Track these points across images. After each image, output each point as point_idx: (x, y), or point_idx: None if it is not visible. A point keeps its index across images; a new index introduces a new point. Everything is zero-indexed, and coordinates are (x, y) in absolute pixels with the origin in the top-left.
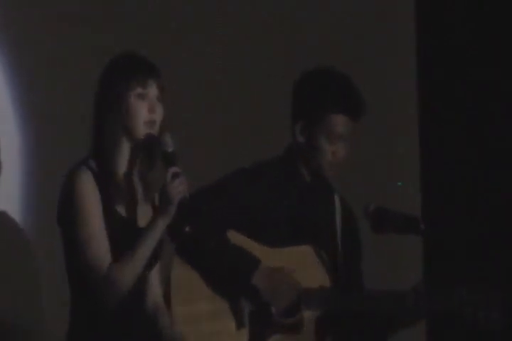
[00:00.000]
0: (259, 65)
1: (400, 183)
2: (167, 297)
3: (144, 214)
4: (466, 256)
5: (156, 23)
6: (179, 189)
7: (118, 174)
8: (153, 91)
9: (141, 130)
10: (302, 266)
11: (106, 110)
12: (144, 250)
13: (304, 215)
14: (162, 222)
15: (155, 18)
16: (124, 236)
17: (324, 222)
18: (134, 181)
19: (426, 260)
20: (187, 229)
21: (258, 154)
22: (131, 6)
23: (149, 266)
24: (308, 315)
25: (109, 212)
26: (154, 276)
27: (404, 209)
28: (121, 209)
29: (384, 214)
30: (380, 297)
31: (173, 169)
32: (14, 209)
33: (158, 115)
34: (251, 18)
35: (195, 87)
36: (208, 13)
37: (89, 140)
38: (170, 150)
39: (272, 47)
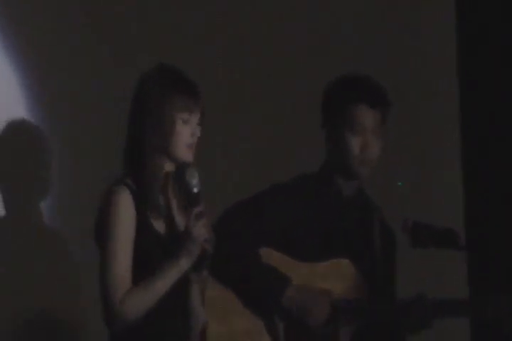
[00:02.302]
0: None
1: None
2: None
3: (176, 228)
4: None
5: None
6: (202, 231)
7: (156, 192)
8: (197, 115)
9: (184, 152)
10: (339, 277)
11: (149, 130)
12: (163, 285)
13: (341, 229)
14: (185, 262)
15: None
16: (159, 252)
17: (362, 236)
18: (170, 199)
19: (471, 271)
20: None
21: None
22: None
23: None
24: (344, 328)
25: (145, 227)
26: (195, 293)
27: (447, 224)
28: (157, 226)
29: (422, 229)
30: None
31: (197, 210)
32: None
33: (196, 138)
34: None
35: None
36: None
37: (125, 156)
38: (195, 191)
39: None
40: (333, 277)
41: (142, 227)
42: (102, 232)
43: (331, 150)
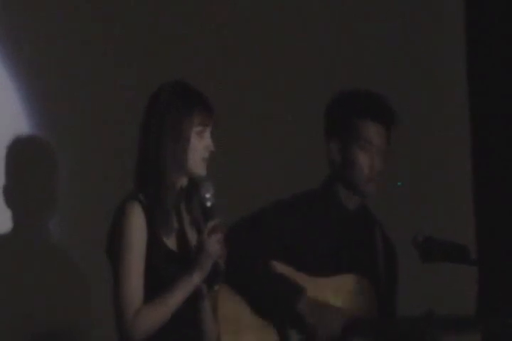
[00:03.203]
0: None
1: (399, 183)
2: None
3: (188, 246)
4: None
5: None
6: (215, 246)
7: (169, 209)
8: (209, 130)
9: (200, 166)
10: (346, 294)
11: (164, 144)
12: (174, 301)
13: (346, 244)
14: (197, 276)
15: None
16: (169, 268)
17: (366, 252)
18: (183, 215)
19: (481, 285)
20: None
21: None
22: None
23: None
24: None
25: (157, 244)
26: (206, 306)
27: (457, 239)
28: (169, 243)
29: (433, 244)
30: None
31: (211, 224)
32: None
33: (209, 152)
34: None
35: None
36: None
37: (138, 172)
38: (209, 205)
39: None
40: (343, 293)
41: (153, 244)
42: (114, 248)
43: (335, 163)
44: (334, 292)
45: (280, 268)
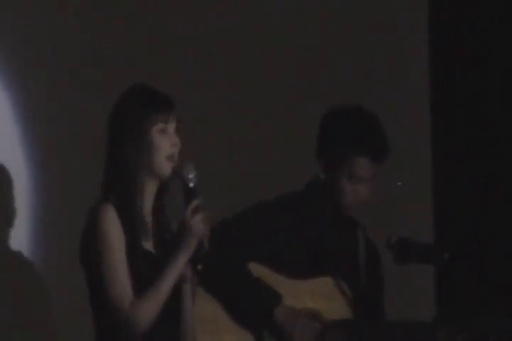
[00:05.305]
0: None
1: (399, 183)
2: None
3: (166, 246)
4: (480, 286)
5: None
6: (199, 225)
7: (141, 208)
8: (173, 125)
9: (164, 165)
10: (324, 297)
11: (127, 145)
12: (166, 285)
13: (326, 248)
14: (183, 256)
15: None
16: (147, 269)
17: (346, 255)
18: (157, 214)
19: (439, 290)
20: (199, 267)
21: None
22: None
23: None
24: None
25: (133, 245)
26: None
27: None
28: (145, 243)
29: (406, 244)
30: (402, 327)
31: (194, 204)
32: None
33: (178, 148)
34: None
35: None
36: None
37: (106, 175)
38: (191, 185)
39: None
40: (321, 295)
41: (128, 245)
42: (94, 249)
43: (320, 179)
44: (311, 294)
45: (258, 269)
